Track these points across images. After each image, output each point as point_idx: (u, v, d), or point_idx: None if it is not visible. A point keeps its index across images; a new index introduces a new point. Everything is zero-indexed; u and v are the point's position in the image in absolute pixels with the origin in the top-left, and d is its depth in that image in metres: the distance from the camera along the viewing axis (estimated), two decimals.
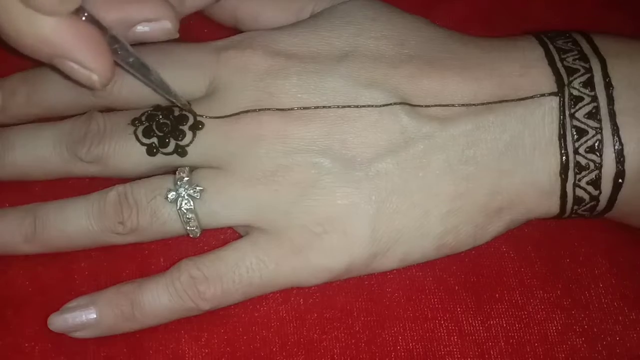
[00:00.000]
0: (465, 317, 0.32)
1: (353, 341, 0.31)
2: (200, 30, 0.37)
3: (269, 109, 0.30)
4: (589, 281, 0.32)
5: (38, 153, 0.32)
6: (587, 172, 0.30)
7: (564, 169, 0.30)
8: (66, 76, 0.27)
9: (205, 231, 0.32)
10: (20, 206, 0.32)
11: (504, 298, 0.32)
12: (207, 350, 0.31)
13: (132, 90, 0.32)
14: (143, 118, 0.31)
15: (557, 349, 0.31)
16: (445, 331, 0.31)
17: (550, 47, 0.31)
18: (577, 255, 0.33)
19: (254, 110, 0.30)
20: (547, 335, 0.31)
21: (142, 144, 0.31)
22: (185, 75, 0.32)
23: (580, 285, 0.32)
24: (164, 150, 0.31)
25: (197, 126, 0.31)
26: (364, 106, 0.30)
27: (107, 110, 0.33)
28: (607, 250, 0.33)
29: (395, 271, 0.32)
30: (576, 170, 0.30)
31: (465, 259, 0.33)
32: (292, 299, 0.32)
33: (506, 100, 0.30)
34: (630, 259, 0.33)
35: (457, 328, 0.31)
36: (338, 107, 0.30)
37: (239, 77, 0.31)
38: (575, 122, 0.30)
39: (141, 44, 0.33)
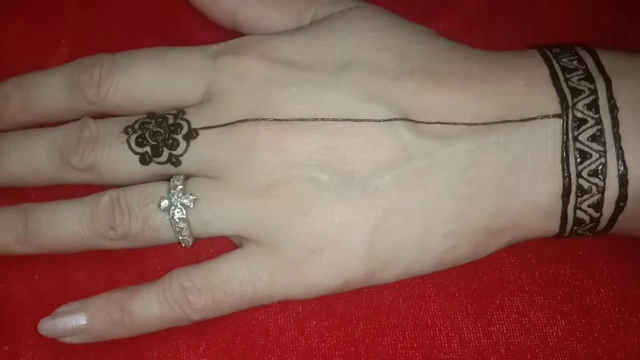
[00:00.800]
0: (466, 324, 0.31)
1: (352, 349, 0.31)
2: (197, 31, 0.36)
3: (265, 119, 0.30)
4: (590, 287, 0.32)
5: (31, 159, 0.32)
6: (589, 195, 0.29)
7: (565, 191, 0.29)
8: None
9: (204, 240, 0.32)
10: (13, 206, 0.32)
11: (504, 304, 0.32)
12: None
13: (126, 96, 0.32)
14: (136, 126, 0.31)
15: (558, 355, 0.31)
16: (445, 338, 0.31)
17: (555, 65, 0.30)
18: (578, 260, 0.33)
19: (251, 120, 0.30)
20: (548, 341, 0.31)
21: (135, 153, 0.31)
22: (180, 80, 0.31)
23: (581, 290, 0.32)
24: (157, 160, 0.30)
25: (191, 135, 0.30)
26: (364, 120, 0.30)
27: (102, 116, 0.32)
28: (607, 256, 0.33)
29: None
30: (578, 193, 0.29)
31: (465, 266, 0.32)
32: (291, 307, 0.32)
33: (509, 121, 0.29)
34: (631, 264, 0.33)
35: (457, 335, 0.31)
36: (337, 120, 0.30)
37: (236, 84, 0.31)
38: (579, 145, 0.29)
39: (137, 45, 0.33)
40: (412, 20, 0.33)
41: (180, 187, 0.30)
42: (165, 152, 0.30)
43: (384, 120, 0.29)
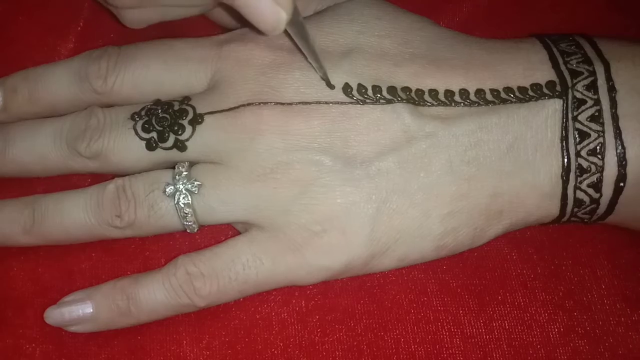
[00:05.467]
0: (468, 320, 0.32)
1: (355, 343, 0.31)
2: (202, 28, 0.37)
3: (269, 103, 0.30)
4: (591, 283, 0.32)
5: (38, 148, 0.32)
6: (588, 174, 0.30)
7: (565, 171, 0.30)
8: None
9: (206, 232, 0.32)
10: (20, 198, 0.32)
11: (506, 300, 0.32)
12: (208, 353, 0.31)
13: (133, 87, 0.32)
14: (143, 112, 0.31)
15: (559, 351, 0.31)
16: (447, 334, 0.31)
17: (554, 50, 0.31)
18: (579, 256, 0.33)
19: (255, 104, 0.30)
20: (550, 337, 0.31)
21: (142, 138, 0.31)
22: (186, 69, 0.32)
23: (583, 286, 0.32)
24: (163, 145, 0.31)
25: (196, 120, 0.30)
26: (366, 103, 0.30)
27: (108, 107, 0.33)
28: (608, 252, 0.33)
29: (397, 273, 0.32)
30: (577, 172, 0.30)
31: (467, 262, 0.33)
32: (294, 301, 0.32)
33: (509, 102, 0.30)
34: (632, 261, 0.33)
35: (459, 330, 0.31)
36: (340, 103, 0.30)
37: (241, 70, 0.31)
38: (578, 125, 0.30)
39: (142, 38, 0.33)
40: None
41: (185, 173, 0.30)
42: (171, 138, 0.31)
43: (387, 103, 0.30)
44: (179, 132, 0.30)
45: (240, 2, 0.25)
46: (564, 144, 0.30)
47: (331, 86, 0.30)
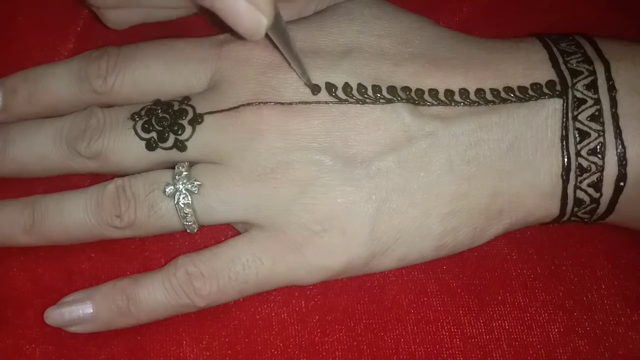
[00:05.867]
0: (468, 320, 0.32)
1: (355, 344, 0.31)
2: (202, 30, 0.37)
3: (269, 102, 0.30)
4: (591, 283, 0.32)
5: (38, 148, 0.32)
6: (588, 174, 0.30)
7: (565, 171, 0.30)
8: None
9: (206, 232, 0.32)
10: (20, 198, 0.32)
11: (506, 300, 0.32)
12: (208, 353, 0.31)
13: (133, 86, 0.32)
14: (142, 112, 0.31)
15: (559, 351, 0.31)
16: (447, 334, 0.31)
17: (554, 49, 0.31)
18: (579, 257, 0.33)
19: (255, 104, 0.30)
20: (550, 337, 0.31)
21: (142, 138, 0.31)
22: (186, 69, 0.32)
23: (583, 287, 0.32)
24: (163, 145, 0.31)
25: (196, 120, 0.30)
26: (366, 103, 0.30)
27: (108, 107, 0.33)
28: (608, 252, 0.33)
29: (397, 273, 0.32)
30: (577, 172, 0.30)
31: (467, 262, 0.33)
32: (294, 301, 0.32)
33: (509, 101, 0.30)
34: (632, 261, 0.33)
35: (459, 330, 0.31)
36: (340, 103, 0.30)
37: (241, 70, 0.31)
38: (578, 125, 0.30)
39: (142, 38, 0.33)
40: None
41: (185, 173, 0.30)
42: (171, 138, 0.31)
43: (386, 103, 0.30)
44: (179, 132, 0.30)
45: (219, 5, 0.25)
46: (564, 143, 0.30)
47: (315, 91, 0.30)
